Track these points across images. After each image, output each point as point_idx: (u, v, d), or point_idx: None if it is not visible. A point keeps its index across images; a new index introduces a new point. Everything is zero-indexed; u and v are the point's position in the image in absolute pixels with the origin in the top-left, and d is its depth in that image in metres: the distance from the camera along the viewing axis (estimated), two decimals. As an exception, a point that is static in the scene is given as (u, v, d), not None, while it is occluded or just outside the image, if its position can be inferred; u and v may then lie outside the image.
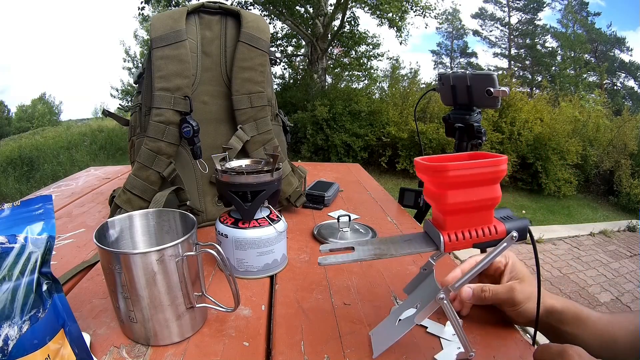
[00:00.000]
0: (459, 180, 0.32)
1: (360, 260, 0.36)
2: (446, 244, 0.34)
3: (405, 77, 7.88)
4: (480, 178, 0.33)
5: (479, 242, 0.35)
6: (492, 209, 0.35)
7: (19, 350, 0.28)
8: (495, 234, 0.35)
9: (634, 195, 4.99)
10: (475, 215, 0.35)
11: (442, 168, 0.32)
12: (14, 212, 0.31)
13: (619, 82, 17.58)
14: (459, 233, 0.34)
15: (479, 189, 0.34)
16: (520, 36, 18.95)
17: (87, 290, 0.52)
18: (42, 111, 20.16)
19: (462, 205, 0.33)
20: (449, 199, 0.33)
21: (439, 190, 0.34)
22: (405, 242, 0.37)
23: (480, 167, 0.33)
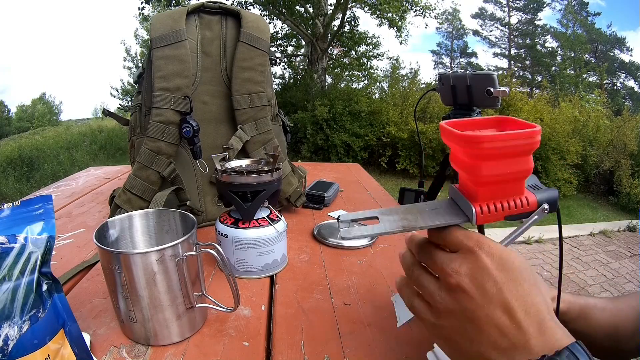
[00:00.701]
0: (494, 152, 0.31)
1: (387, 233, 0.33)
2: (478, 216, 0.32)
3: (405, 77, 7.89)
4: (516, 150, 0.31)
5: (510, 215, 0.33)
6: (524, 180, 0.34)
7: (19, 350, 0.29)
8: (527, 205, 0.33)
9: (634, 195, 5.00)
10: (508, 186, 0.33)
11: (476, 139, 0.30)
12: (14, 212, 0.32)
13: (619, 82, 17.59)
14: (491, 205, 0.33)
15: (513, 160, 0.32)
16: (520, 36, 18.96)
17: (87, 290, 0.52)
18: (42, 111, 20.15)
19: (496, 177, 0.32)
20: (484, 170, 0.31)
21: (471, 161, 0.32)
22: (432, 211, 0.35)
23: (516, 138, 0.31)
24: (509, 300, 0.28)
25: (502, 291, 0.29)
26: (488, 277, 0.29)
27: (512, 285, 0.29)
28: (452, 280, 0.30)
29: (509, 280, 0.29)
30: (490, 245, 0.30)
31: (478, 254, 0.30)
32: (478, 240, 0.31)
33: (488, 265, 0.29)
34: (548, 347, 0.27)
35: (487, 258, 0.30)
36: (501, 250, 0.30)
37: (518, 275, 0.29)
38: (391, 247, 0.67)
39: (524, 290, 0.29)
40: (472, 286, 0.29)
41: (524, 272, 0.30)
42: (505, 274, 0.29)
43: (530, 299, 0.29)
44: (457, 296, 0.30)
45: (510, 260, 0.30)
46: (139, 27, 14.69)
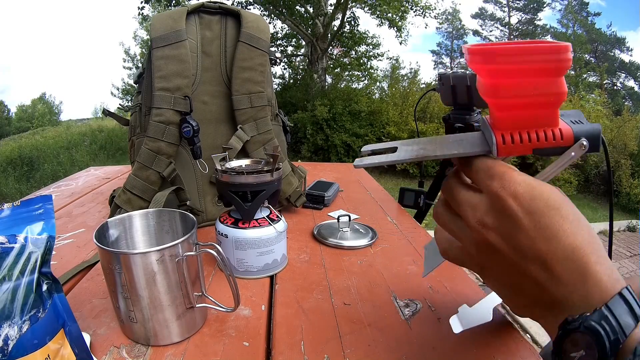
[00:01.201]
0: (510, 67, 0.27)
1: (400, 161, 0.30)
2: (499, 147, 0.28)
3: (405, 77, 7.90)
4: (538, 67, 0.27)
5: (539, 148, 0.28)
6: (556, 107, 0.29)
7: (19, 350, 0.28)
8: (560, 139, 0.28)
9: (634, 195, 5.00)
10: (536, 113, 0.28)
11: (489, 51, 0.27)
12: (14, 212, 0.31)
13: (619, 82, 17.59)
14: (516, 134, 0.28)
15: (537, 80, 0.27)
16: (520, 36, 18.95)
17: (87, 290, 0.52)
18: (42, 111, 20.16)
19: (518, 99, 0.27)
20: (501, 90, 0.27)
21: (489, 80, 0.28)
22: (455, 142, 0.31)
23: (536, 53, 0.26)
24: (544, 252, 0.25)
25: (534, 242, 0.25)
26: (518, 229, 0.25)
27: (547, 232, 0.25)
28: (479, 236, 0.27)
29: (541, 226, 0.25)
30: (516, 182, 0.26)
31: (503, 198, 0.26)
32: (502, 176, 0.27)
33: (516, 211, 0.25)
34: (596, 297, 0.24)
35: (514, 202, 0.26)
36: (530, 187, 0.26)
37: (553, 216, 0.25)
38: (391, 247, 0.67)
39: (561, 233, 0.25)
40: (502, 242, 0.26)
41: (561, 209, 0.26)
42: (538, 218, 0.25)
43: (570, 241, 0.25)
44: (488, 252, 0.27)
45: (542, 198, 0.26)
46: (139, 28, 14.70)
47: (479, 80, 0.30)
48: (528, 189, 0.26)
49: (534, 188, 0.26)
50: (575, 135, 0.28)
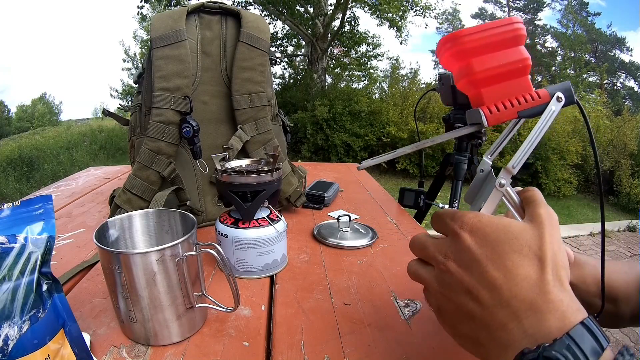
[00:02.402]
0: (478, 44, 0.32)
1: (400, 153, 0.34)
2: (488, 117, 0.32)
3: (405, 77, 7.89)
4: (500, 39, 0.32)
5: (523, 110, 0.33)
6: (525, 74, 0.33)
7: (19, 350, 0.28)
8: (538, 98, 0.33)
9: (634, 195, 5.00)
10: (511, 83, 0.33)
11: (456, 35, 0.32)
12: (14, 212, 0.31)
13: (619, 82, 17.59)
14: (499, 104, 0.33)
15: (503, 52, 0.32)
16: (520, 36, 18.92)
17: (87, 290, 0.52)
18: (42, 111, 20.16)
19: (491, 71, 0.32)
20: (475, 66, 0.32)
21: (463, 62, 0.33)
22: (445, 133, 0.36)
23: (494, 27, 0.32)
24: (495, 278, 0.27)
25: (487, 270, 0.27)
26: (471, 258, 0.28)
27: (499, 262, 0.27)
28: (442, 266, 0.30)
29: (494, 257, 0.27)
30: (472, 220, 0.29)
31: (460, 234, 0.29)
32: (461, 218, 0.30)
33: (469, 244, 0.28)
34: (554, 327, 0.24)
35: (469, 237, 0.29)
36: (484, 224, 0.29)
37: (504, 249, 0.27)
38: (391, 247, 0.67)
39: (510, 264, 0.27)
40: (460, 270, 0.29)
41: (513, 243, 0.27)
42: (490, 250, 0.27)
43: (520, 271, 0.26)
44: (448, 282, 0.29)
45: (492, 232, 0.28)
46: (138, 28, 14.70)
47: (455, 72, 0.35)
48: (482, 226, 0.29)
49: (487, 225, 0.29)
50: (550, 92, 0.33)
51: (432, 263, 0.32)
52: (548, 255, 0.27)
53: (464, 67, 0.33)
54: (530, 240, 0.27)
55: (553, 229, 0.29)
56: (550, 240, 0.27)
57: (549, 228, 0.28)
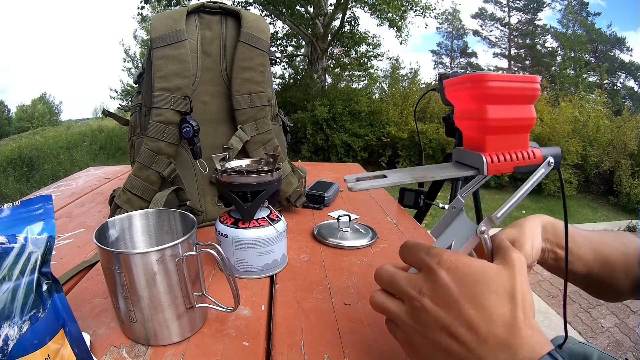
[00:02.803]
0: (499, 92, 0.32)
1: (397, 184, 0.33)
2: (489, 165, 0.32)
3: (405, 77, 7.89)
4: (519, 94, 0.32)
5: (519, 166, 0.34)
6: (528, 131, 0.34)
7: (19, 350, 0.28)
8: (533, 158, 0.34)
9: (634, 195, 5.00)
10: (513, 137, 0.33)
11: (481, 77, 0.31)
12: (14, 212, 0.31)
13: (619, 82, 17.59)
14: (500, 155, 0.33)
15: (517, 107, 0.33)
16: (520, 36, 18.96)
17: (87, 290, 0.52)
18: (42, 111, 20.17)
19: (503, 122, 0.32)
20: (490, 113, 0.32)
21: (478, 105, 0.32)
22: (439, 168, 0.35)
23: (518, 81, 0.32)
24: (472, 316, 0.28)
25: (464, 309, 0.29)
26: (448, 296, 0.29)
27: (476, 301, 0.29)
28: (416, 302, 0.30)
29: (471, 296, 0.29)
30: (450, 259, 0.30)
31: (438, 271, 0.30)
32: (439, 255, 0.31)
33: (447, 282, 0.29)
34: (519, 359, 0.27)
35: (447, 275, 0.30)
36: (462, 264, 0.30)
37: (481, 289, 0.29)
38: (391, 247, 0.67)
39: (488, 303, 0.28)
40: (436, 307, 0.29)
41: (490, 284, 0.29)
42: (467, 290, 0.29)
43: (496, 310, 0.28)
44: (422, 318, 0.30)
45: (472, 274, 0.29)
46: (138, 28, 14.70)
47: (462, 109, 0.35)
48: (460, 265, 0.30)
49: (466, 265, 0.30)
50: (544, 155, 0.34)
51: (402, 297, 0.32)
52: (519, 296, 0.29)
53: (477, 110, 0.33)
54: (505, 282, 0.29)
55: (523, 271, 0.31)
56: (521, 282, 0.30)
57: (520, 271, 0.30)
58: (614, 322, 2.03)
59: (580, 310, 2.14)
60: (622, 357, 1.72)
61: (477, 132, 0.33)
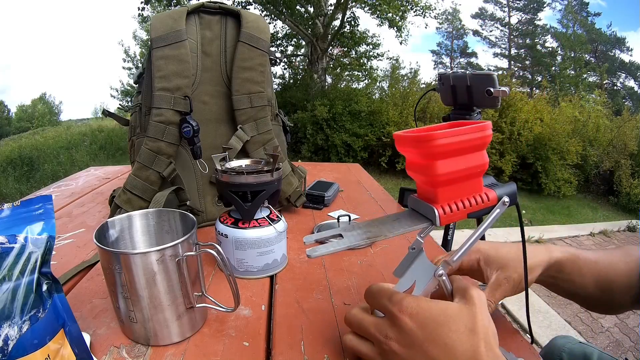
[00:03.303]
0: (447, 148, 0.32)
1: (353, 247, 0.34)
2: (441, 217, 0.33)
3: (405, 77, 7.88)
4: (468, 145, 0.33)
5: (473, 212, 0.35)
6: (480, 176, 0.35)
7: (19, 350, 0.29)
8: (487, 201, 0.35)
9: (634, 195, 4.99)
10: (466, 184, 0.34)
11: (429, 137, 0.31)
12: (14, 212, 0.31)
13: (619, 82, 17.59)
14: (452, 204, 0.34)
15: (467, 157, 0.33)
16: (520, 36, 18.96)
17: (87, 290, 0.52)
18: (42, 111, 20.17)
19: (453, 174, 0.33)
20: (439, 169, 0.32)
21: (426, 161, 0.33)
22: (394, 221, 0.36)
23: (466, 133, 0.32)
24: (436, 355, 0.31)
25: (428, 349, 0.31)
26: (413, 339, 0.32)
27: (438, 341, 0.31)
28: (385, 346, 0.33)
29: (433, 338, 0.31)
30: (411, 305, 0.33)
31: (401, 318, 0.32)
32: (400, 302, 0.33)
33: (410, 327, 0.32)
34: None
35: (409, 321, 0.32)
36: (423, 309, 0.32)
37: (442, 330, 0.31)
38: (391, 247, 0.67)
39: (449, 342, 0.31)
40: (402, 349, 0.32)
41: (450, 324, 0.31)
42: (429, 332, 0.31)
43: (457, 347, 0.31)
44: (391, 358, 0.33)
45: (432, 317, 0.32)
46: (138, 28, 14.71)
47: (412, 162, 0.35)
48: (421, 311, 0.32)
49: (426, 310, 0.32)
50: (498, 196, 0.35)
51: (371, 340, 0.35)
52: (481, 330, 0.31)
53: (426, 167, 0.33)
54: (466, 320, 0.32)
55: (483, 306, 0.33)
56: (481, 317, 0.32)
57: (480, 307, 0.32)
58: (614, 322, 2.03)
59: (580, 310, 2.14)
60: (622, 357, 1.72)
61: (428, 185, 0.34)
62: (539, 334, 1.86)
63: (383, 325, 0.34)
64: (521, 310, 2.00)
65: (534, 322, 1.96)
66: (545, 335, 1.83)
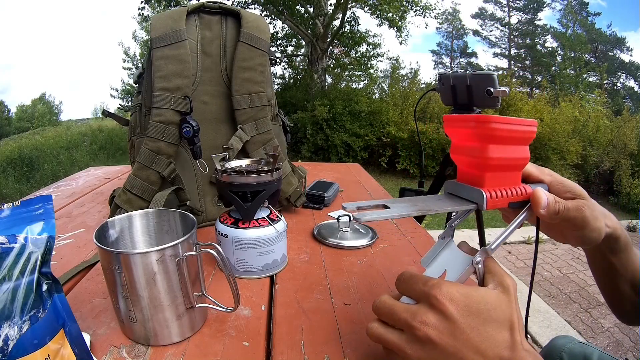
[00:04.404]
0: (502, 134, 0.33)
1: (402, 216, 0.33)
2: (488, 201, 0.34)
3: (405, 77, 7.89)
4: (519, 136, 0.34)
5: (513, 201, 0.36)
6: (521, 170, 0.37)
7: (19, 350, 0.28)
8: (526, 194, 0.36)
9: (634, 195, 4.99)
10: (509, 174, 0.36)
11: (488, 119, 0.33)
12: (14, 212, 0.31)
13: (619, 82, 17.59)
14: (497, 191, 0.35)
15: (515, 148, 0.35)
16: (520, 36, 18.96)
17: (87, 290, 0.52)
18: (42, 111, 20.18)
19: (502, 161, 0.34)
20: (492, 152, 0.33)
21: (480, 144, 0.34)
22: (438, 200, 0.36)
23: (520, 124, 0.34)
24: (478, 342, 0.30)
25: (470, 337, 0.30)
26: (455, 326, 0.30)
27: (480, 329, 0.30)
28: (421, 332, 0.31)
29: (474, 326, 0.30)
30: (450, 291, 0.31)
31: (442, 302, 0.31)
32: (439, 286, 0.32)
33: (453, 313, 0.30)
34: None
35: (451, 306, 0.31)
36: (464, 295, 0.31)
37: (483, 318, 0.31)
38: (391, 247, 0.67)
39: (490, 330, 0.30)
40: (443, 336, 0.30)
41: (490, 313, 0.31)
42: (470, 319, 0.30)
43: (498, 336, 0.30)
44: (427, 347, 0.31)
45: (473, 303, 0.31)
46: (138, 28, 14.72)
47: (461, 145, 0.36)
48: (462, 297, 0.31)
49: (467, 296, 0.31)
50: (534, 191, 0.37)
51: (402, 328, 0.33)
52: (516, 321, 0.31)
53: (478, 149, 0.34)
54: (505, 308, 0.32)
55: (516, 295, 0.33)
56: (516, 307, 0.32)
57: (515, 296, 0.33)
58: (614, 322, 2.03)
59: (580, 310, 2.14)
60: (622, 357, 1.72)
61: (476, 169, 0.35)
62: (539, 334, 1.86)
63: (419, 311, 0.32)
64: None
65: (534, 322, 1.96)
66: (545, 335, 1.83)
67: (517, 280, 2.34)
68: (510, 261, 2.67)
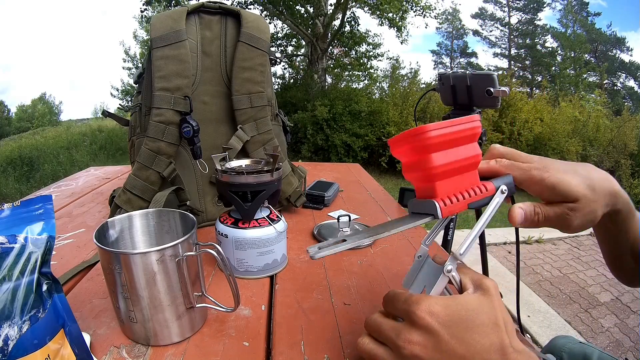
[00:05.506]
0: (439, 140, 0.33)
1: (356, 246, 0.34)
2: (442, 209, 0.34)
3: (405, 77, 7.88)
4: (459, 136, 0.34)
5: (473, 202, 0.35)
6: (475, 168, 0.36)
7: (19, 350, 0.29)
8: (486, 191, 0.36)
9: (634, 195, 4.99)
10: (462, 177, 0.35)
11: (421, 130, 0.32)
12: (14, 212, 0.31)
13: (619, 82, 17.59)
14: (452, 197, 0.35)
15: (459, 149, 0.34)
16: (520, 36, 18.96)
17: (87, 290, 0.52)
18: (42, 111, 20.18)
19: (448, 166, 0.34)
20: (434, 161, 0.33)
21: (421, 156, 0.34)
22: (397, 222, 0.36)
23: (456, 124, 0.33)
24: (464, 352, 0.30)
25: (454, 347, 0.30)
26: (439, 339, 0.30)
27: (462, 338, 0.30)
28: (407, 351, 0.31)
29: (456, 335, 0.30)
30: (430, 304, 0.31)
31: (422, 317, 0.31)
32: (418, 302, 0.32)
33: (434, 326, 0.31)
34: None
35: (431, 319, 0.31)
36: (443, 306, 0.31)
37: (464, 326, 0.31)
38: (391, 247, 0.67)
39: (474, 337, 0.30)
40: (428, 351, 0.31)
41: (471, 320, 0.31)
42: (455, 327, 0.31)
43: (483, 341, 0.30)
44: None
45: (454, 313, 0.31)
46: (138, 28, 14.72)
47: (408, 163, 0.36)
48: (441, 309, 0.31)
49: (446, 306, 0.31)
50: (495, 186, 0.37)
51: (390, 346, 0.33)
52: (501, 322, 0.31)
53: (420, 162, 0.34)
54: (487, 311, 0.31)
55: (499, 297, 0.33)
56: (500, 308, 0.32)
57: (496, 296, 0.33)
58: (614, 322, 2.03)
59: (580, 310, 2.14)
60: (622, 357, 1.72)
61: (426, 181, 0.35)
62: (539, 334, 1.86)
63: (403, 329, 0.32)
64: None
65: (534, 322, 1.96)
66: (545, 335, 1.83)
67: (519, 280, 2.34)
68: (510, 261, 2.67)
